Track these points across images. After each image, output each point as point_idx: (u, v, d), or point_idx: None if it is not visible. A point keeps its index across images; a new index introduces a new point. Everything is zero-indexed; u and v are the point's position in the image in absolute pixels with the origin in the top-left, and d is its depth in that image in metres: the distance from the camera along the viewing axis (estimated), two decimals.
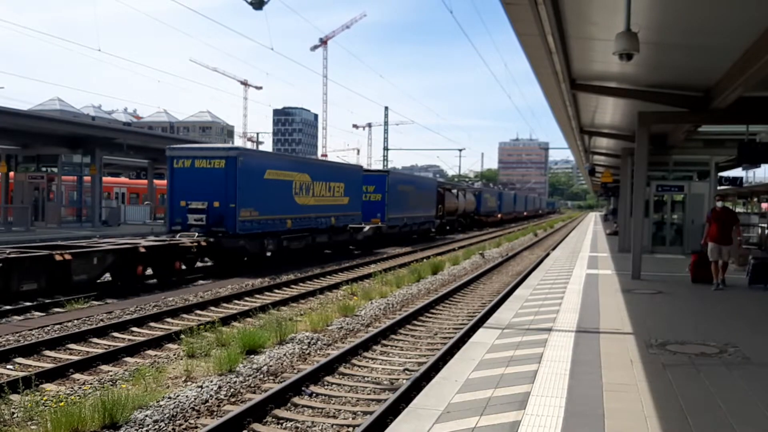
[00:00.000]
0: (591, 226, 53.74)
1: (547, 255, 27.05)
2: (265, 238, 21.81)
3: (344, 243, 29.08)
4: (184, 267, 19.25)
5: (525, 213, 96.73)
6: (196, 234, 19.63)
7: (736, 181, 26.81)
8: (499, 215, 71.52)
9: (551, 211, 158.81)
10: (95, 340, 11.40)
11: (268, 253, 22.45)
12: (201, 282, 18.86)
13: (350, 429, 7.20)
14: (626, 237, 24.29)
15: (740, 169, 26.47)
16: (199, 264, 20.90)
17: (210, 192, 20.33)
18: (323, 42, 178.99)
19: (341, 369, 9.71)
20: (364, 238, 30.28)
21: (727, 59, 11.29)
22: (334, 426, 7.34)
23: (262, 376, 9.14)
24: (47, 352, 10.42)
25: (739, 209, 54.28)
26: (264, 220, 21.81)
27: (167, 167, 21.49)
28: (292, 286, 18.47)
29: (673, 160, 24.09)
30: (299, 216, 24.43)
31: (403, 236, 36.46)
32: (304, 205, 24.78)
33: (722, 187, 29.08)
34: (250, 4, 30.49)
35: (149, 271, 18.07)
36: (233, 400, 8.15)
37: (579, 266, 18.86)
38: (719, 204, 14.94)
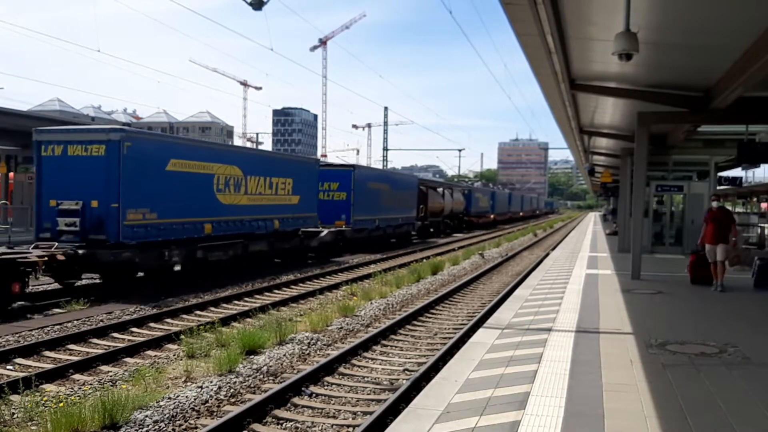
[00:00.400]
0: (590, 226, 53.74)
1: (547, 255, 27.05)
2: (168, 247, 16.91)
3: (294, 251, 24.02)
4: (60, 286, 15.87)
5: (521, 213, 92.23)
6: (55, 245, 14.99)
7: (735, 181, 26.83)
8: (492, 216, 67.62)
9: (549, 211, 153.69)
10: (95, 340, 11.41)
11: (177, 267, 17.88)
12: (57, 311, 13.80)
13: (350, 429, 7.21)
14: (626, 237, 24.31)
15: (740, 169, 26.48)
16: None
17: (86, 188, 15.57)
18: (323, 42, 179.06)
19: (341, 369, 9.71)
20: (321, 245, 25.65)
21: (727, 59, 11.30)
22: (334, 426, 7.35)
23: (261, 376, 9.14)
24: (47, 353, 10.43)
25: (738, 209, 54.28)
26: (166, 224, 16.89)
27: (34, 155, 16.53)
28: (292, 287, 18.48)
29: (673, 160, 24.14)
30: (224, 219, 19.36)
31: (374, 241, 31.93)
32: (231, 206, 19.79)
33: (722, 187, 29.08)
34: (250, 4, 30.46)
35: None
36: (233, 400, 8.15)
37: (579, 266, 18.86)
38: (715, 204, 14.50)
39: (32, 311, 13.59)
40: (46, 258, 14.31)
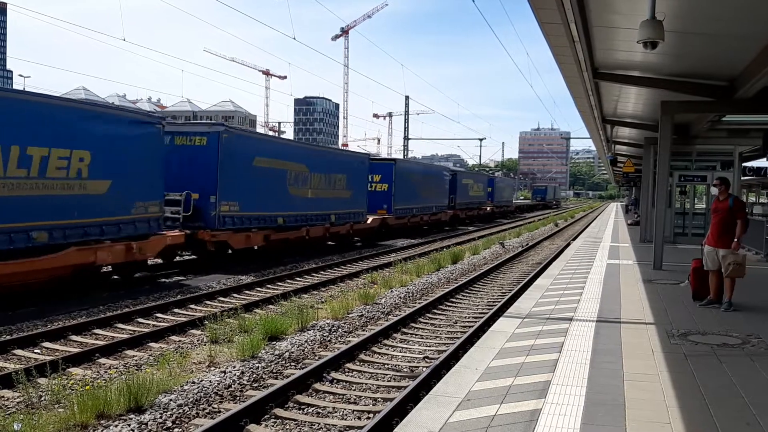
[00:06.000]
0: (612, 216, 53.09)
1: (568, 245, 26.97)
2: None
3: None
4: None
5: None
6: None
7: (760, 171, 26.50)
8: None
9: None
10: (120, 325, 11.59)
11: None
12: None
13: (371, 415, 7.27)
14: (648, 227, 24.12)
15: (765, 159, 26.11)
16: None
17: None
18: (345, 32, 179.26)
19: (362, 356, 9.78)
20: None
21: (753, 48, 11.14)
22: (355, 412, 7.42)
23: (284, 362, 9.24)
24: (74, 337, 10.61)
25: (762, 200, 53.47)
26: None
27: None
28: (313, 274, 18.59)
29: (696, 149, 23.86)
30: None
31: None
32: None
33: (746, 178, 28.70)
34: None
35: None
36: (256, 385, 8.25)
37: (600, 256, 18.77)
38: (714, 191, 10.83)
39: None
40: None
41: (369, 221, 28.66)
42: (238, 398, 7.75)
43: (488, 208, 55.49)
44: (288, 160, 21.52)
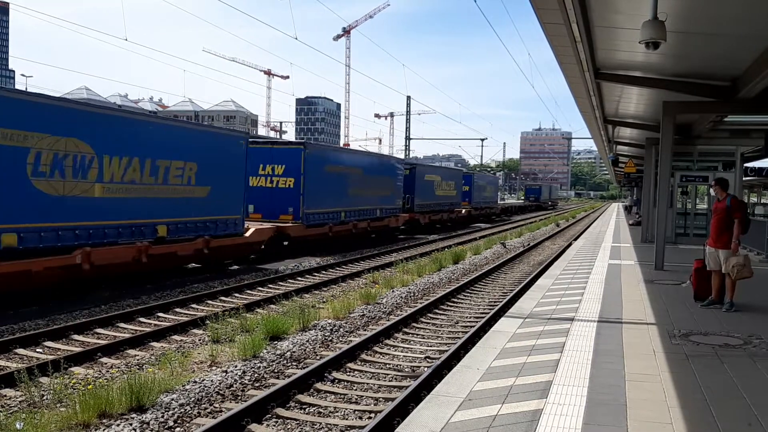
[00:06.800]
0: (613, 216, 52.95)
1: (569, 245, 26.95)
2: None
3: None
4: None
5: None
6: None
7: (762, 172, 26.44)
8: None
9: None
10: (122, 325, 11.60)
11: None
12: None
13: (372, 415, 7.27)
14: (649, 227, 24.12)
15: (767, 159, 26.08)
16: None
17: None
18: (346, 31, 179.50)
19: (363, 356, 9.78)
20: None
21: (755, 48, 11.14)
22: (356, 412, 7.42)
23: (285, 361, 9.25)
24: (75, 336, 10.63)
25: (764, 200, 53.41)
26: None
27: None
28: (314, 274, 18.60)
29: (698, 150, 23.83)
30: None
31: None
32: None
33: (748, 178, 28.64)
34: None
35: None
36: (257, 384, 8.26)
37: (601, 256, 18.76)
38: (711, 192, 10.69)
39: None
40: None
41: (248, 233, 19.36)
42: (239, 398, 7.76)
43: (463, 211, 46.98)
44: (33, 130, 12.22)
